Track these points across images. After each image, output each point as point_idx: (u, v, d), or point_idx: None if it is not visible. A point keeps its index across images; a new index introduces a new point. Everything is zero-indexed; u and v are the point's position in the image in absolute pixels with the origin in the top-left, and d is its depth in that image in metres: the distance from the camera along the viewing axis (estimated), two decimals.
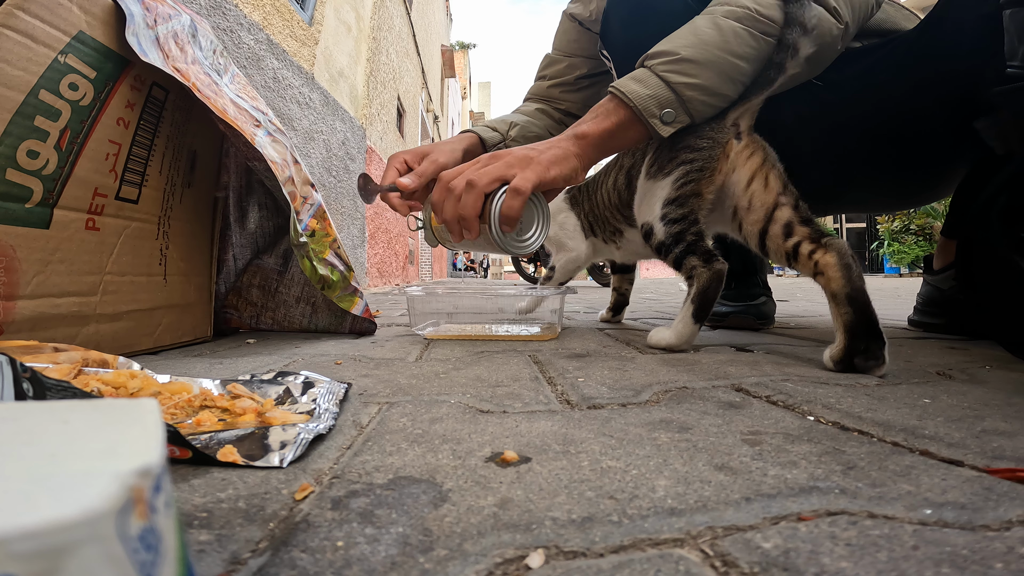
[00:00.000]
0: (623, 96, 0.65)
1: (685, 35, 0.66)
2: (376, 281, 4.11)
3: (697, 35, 0.65)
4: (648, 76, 0.65)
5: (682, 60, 0.64)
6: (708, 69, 0.64)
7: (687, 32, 0.66)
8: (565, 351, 0.72)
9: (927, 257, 0.97)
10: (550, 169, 0.64)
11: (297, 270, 0.93)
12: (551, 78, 1.11)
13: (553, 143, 0.67)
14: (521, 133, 1.03)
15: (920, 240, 8.58)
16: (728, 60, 0.64)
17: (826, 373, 0.55)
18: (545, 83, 1.12)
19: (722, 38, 0.64)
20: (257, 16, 2.21)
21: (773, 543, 0.21)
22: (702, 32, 0.65)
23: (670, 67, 0.64)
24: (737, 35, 0.64)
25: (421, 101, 7.34)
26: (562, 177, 0.65)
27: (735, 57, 0.64)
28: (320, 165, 2.86)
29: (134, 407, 0.16)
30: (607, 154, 0.70)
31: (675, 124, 0.66)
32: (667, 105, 0.65)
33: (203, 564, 0.20)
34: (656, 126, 0.66)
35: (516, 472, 0.29)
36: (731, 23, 0.65)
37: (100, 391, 0.39)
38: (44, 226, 0.56)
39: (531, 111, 1.10)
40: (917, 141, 0.80)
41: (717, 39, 0.64)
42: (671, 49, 0.65)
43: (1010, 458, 0.30)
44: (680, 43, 0.65)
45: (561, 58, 1.10)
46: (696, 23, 0.66)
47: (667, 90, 0.64)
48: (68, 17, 0.57)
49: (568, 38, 1.08)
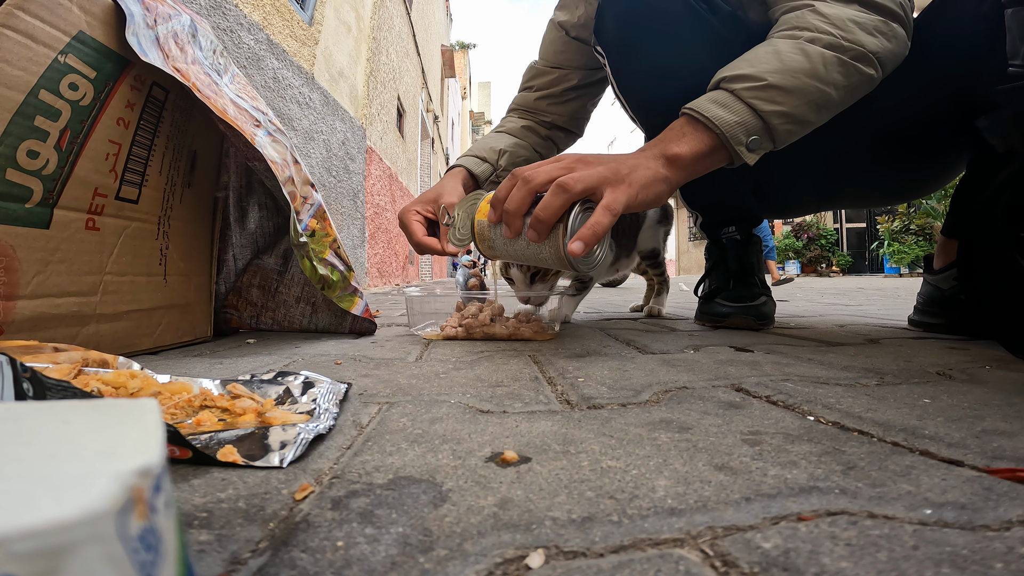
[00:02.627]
0: (706, 121, 0.61)
1: (768, 59, 0.63)
2: (376, 281, 4.11)
3: (783, 60, 0.62)
4: (732, 101, 0.62)
5: (769, 87, 0.61)
6: (796, 97, 0.62)
7: (769, 56, 0.63)
8: (565, 351, 0.72)
9: (927, 257, 0.97)
10: (639, 193, 0.59)
11: (297, 270, 0.93)
12: (538, 89, 1.09)
13: (641, 160, 0.61)
14: (511, 161, 1.02)
15: (920, 240, 8.58)
16: (818, 88, 0.62)
17: (826, 373, 0.55)
18: (532, 95, 1.10)
19: (810, 65, 0.62)
20: (257, 16, 2.21)
21: (773, 543, 0.21)
22: (787, 58, 0.62)
23: (757, 93, 0.61)
24: (826, 62, 0.62)
25: (421, 101, 7.34)
26: (647, 202, 0.61)
27: (825, 85, 0.62)
28: (320, 165, 2.86)
29: (134, 407, 0.16)
30: (690, 179, 0.64)
31: (759, 152, 0.63)
32: (754, 132, 0.62)
33: (203, 564, 0.20)
34: (742, 153, 0.62)
35: (516, 472, 0.29)
36: (819, 49, 0.62)
37: (100, 391, 0.39)
38: (44, 226, 0.56)
39: (517, 130, 1.08)
40: (916, 139, 0.80)
41: (805, 66, 0.62)
42: (755, 74, 0.62)
43: (1010, 458, 0.30)
44: (764, 68, 0.62)
45: (548, 70, 1.08)
46: (777, 47, 0.64)
47: (754, 117, 0.61)
48: (68, 17, 0.57)
49: (555, 48, 1.06)
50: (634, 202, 0.59)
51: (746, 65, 0.63)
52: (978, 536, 0.21)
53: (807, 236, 11.46)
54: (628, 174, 0.59)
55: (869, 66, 0.64)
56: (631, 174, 0.59)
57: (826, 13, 0.64)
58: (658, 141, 0.63)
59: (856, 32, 0.63)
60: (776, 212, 1.12)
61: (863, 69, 0.64)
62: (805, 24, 0.65)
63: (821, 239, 11.45)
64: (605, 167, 0.58)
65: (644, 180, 0.60)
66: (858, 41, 0.63)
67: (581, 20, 1.00)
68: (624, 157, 0.61)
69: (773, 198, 1.04)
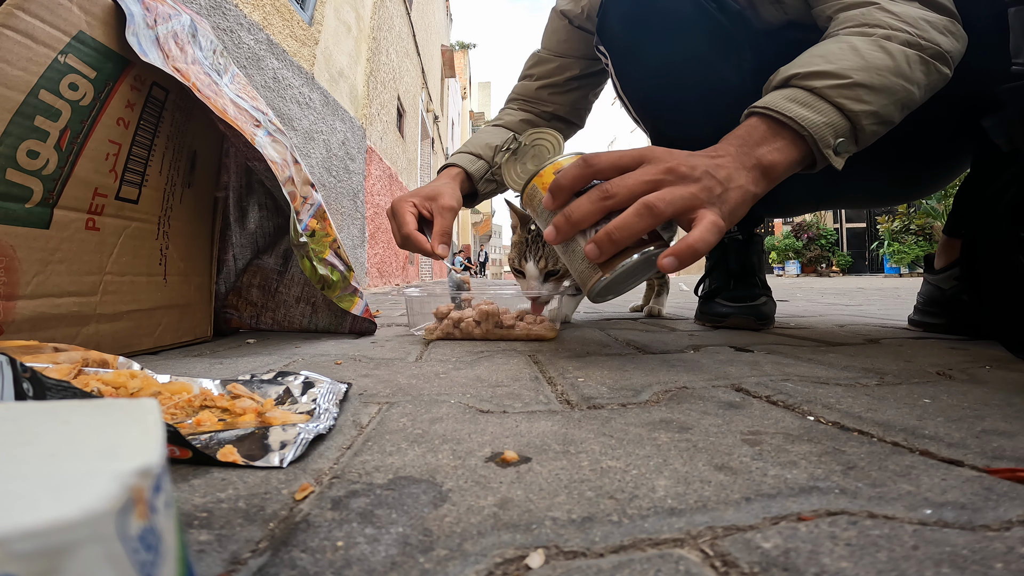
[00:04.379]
0: (791, 122, 0.56)
1: (846, 55, 0.59)
2: (376, 281, 4.11)
3: (864, 58, 0.58)
4: (815, 100, 0.57)
5: (856, 85, 0.57)
6: (883, 95, 0.58)
7: (847, 52, 0.59)
8: (565, 351, 0.72)
9: (928, 256, 0.97)
10: (731, 216, 0.53)
11: (297, 270, 0.93)
12: (539, 78, 1.08)
13: (733, 171, 0.54)
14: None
15: (920, 240, 8.59)
16: (904, 86, 0.59)
17: (826, 373, 0.55)
18: (533, 83, 1.09)
19: (894, 63, 0.58)
20: (257, 16, 2.21)
21: (773, 543, 0.21)
22: (868, 54, 0.58)
23: (843, 92, 0.57)
24: (909, 60, 0.59)
25: (421, 101, 7.34)
26: (731, 225, 0.55)
27: (909, 83, 0.59)
28: (320, 165, 2.86)
29: (134, 407, 0.16)
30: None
31: (844, 155, 0.59)
32: (841, 134, 0.57)
33: (203, 564, 0.20)
34: (830, 157, 0.58)
35: (516, 472, 0.29)
36: (899, 47, 0.59)
37: (100, 391, 0.39)
38: (44, 226, 0.56)
39: (515, 123, 1.07)
40: (917, 139, 0.80)
41: (889, 63, 0.58)
42: (837, 71, 0.57)
43: (1010, 458, 0.30)
44: (846, 64, 0.58)
45: (551, 58, 1.07)
46: (852, 43, 0.60)
47: (842, 118, 0.57)
48: (68, 17, 0.57)
49: (558, 37, 1.05)
50: (725, 228, 0.51)
51: (821, 61, 0.59)
52: (978, 536, 0.21)
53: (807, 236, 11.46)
54: (722, 193, 0.52)
55: (945, 65, 0.62)
56: (728, 193, 0.53)
57: (896, 11, 0.62)
58: (744, 143, 0.56)
59: (930, 31, 0.61)
60: (775, 211, 1.12)
61: (940, 68, 0.61)
62: (876, 21, 0.61)
63: (821, 239, 11.45)
64: (698, 186, 0.51)
65: (736, 203, 0.53)
66: (934, 40, 0.60)
67: (584, 12, 0.98)
68: (717, 163, 0.54)
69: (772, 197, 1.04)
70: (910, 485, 0.27)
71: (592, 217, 0.52)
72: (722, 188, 0.53)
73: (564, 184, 0.54)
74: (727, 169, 0.54)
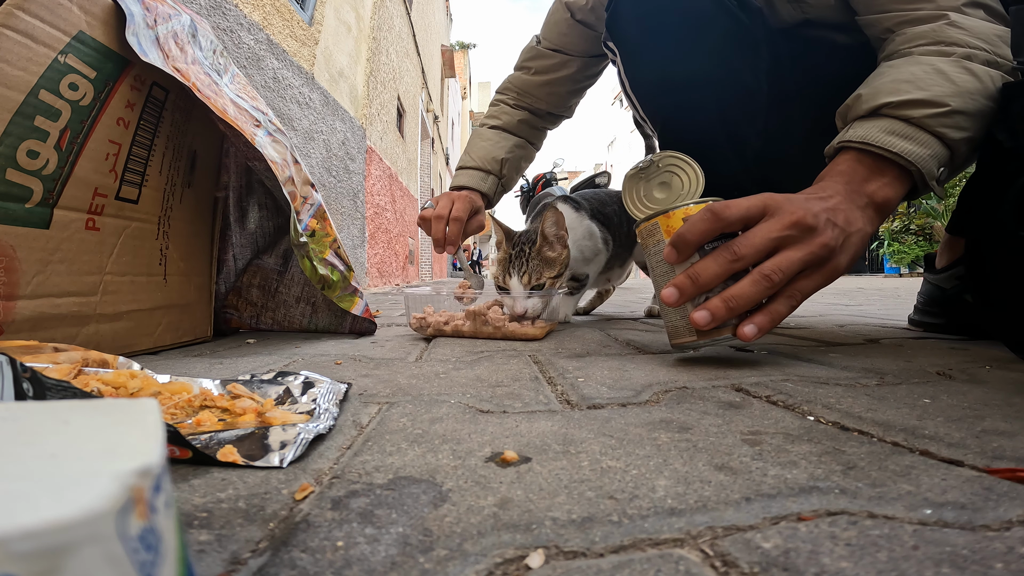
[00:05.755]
0: (896, 157, 0.55)
1: (936, 80, 0.56)
2: (376, 281, 4.11)
3: (954, 82, 0.56)
4: (915, 132, 0.55)
5: (954, 112, 0.55)
6: (978, 121, 0.57)
7: (934, 76, 0.57)
8: (565, 351, 0.72)
9: (928, 256, 0.97)
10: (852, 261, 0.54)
11: (297, 270, 0.93)
12: (536, 72, 1.07)
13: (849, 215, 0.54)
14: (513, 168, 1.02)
15: (920, 240, 8.58)
16: (992, 108, 0.57)
17: (826, 373, 0.55)
18: (528, 77, 1.08)
19: (983, 85, 0.57)
20: (257, 16, 2.21)
21: (773, 543, 0.21)
22: (958, 78, 0.56)
23: (943, 121, 0.55)
24: (993, 80, 0.57)
25: (421, 101, 7.34)
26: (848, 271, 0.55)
27: (995, 103, 0.58)
28: (320, 165, 2.86)
29: (134, 407, 0.16)
30: None
31: (945, 183, 0.58)
32: (943, 163, 0.56)
33: (203, 564, 0.20)
34: (933, 188, 0.57)
35: (516, 472, 0.29)
36: (983, 68, 0.57)
37: (100, 391, 0.39)
38: (44, 226, 0.56)
39: (514, 124, 1.07)
40: None
41: (979, 86, 0.56)
42: (933, 99, 0.55)
43: (1010, 458, 0.30)
44: (939, 91, 0.56)
45: (550, 52, 1.06)
46: (938, 67, 0.57)
47: (943, 147, 0.56)
48: (68, 17, 0.57)
49: (559, 30, 1.03)
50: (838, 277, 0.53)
51: (911, 88, 0.57)
52: (978, 536, 0.21)
53: None
54: (844, 241, 0.53)
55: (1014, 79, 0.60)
56: (847, 240, 0.53)
57: (968, 26, 0.59)
58: (851, 180, 0.56)
59: (1001, 46, 0.59)
60: None
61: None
62: (952, 39, 0.59)
63: None
64: (818, 242, 0.51)
65: (858, 248, 0.54)
66: (1007, 56, 0.59)
67: (589, 4, 0.96)
68: (832, 207, 0.53)
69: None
70: (910, 485, 0.27)
71: (719, 280, 0.52)
72: (844, 235, 0.53)
73: (691, 240, 0.53)
74: (844, 212, 0.54)
